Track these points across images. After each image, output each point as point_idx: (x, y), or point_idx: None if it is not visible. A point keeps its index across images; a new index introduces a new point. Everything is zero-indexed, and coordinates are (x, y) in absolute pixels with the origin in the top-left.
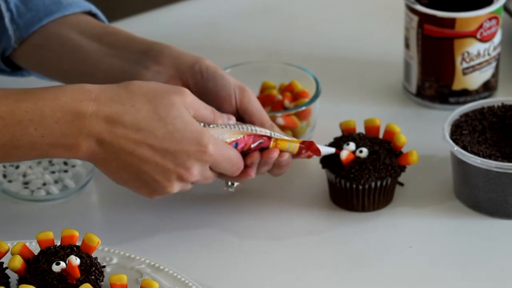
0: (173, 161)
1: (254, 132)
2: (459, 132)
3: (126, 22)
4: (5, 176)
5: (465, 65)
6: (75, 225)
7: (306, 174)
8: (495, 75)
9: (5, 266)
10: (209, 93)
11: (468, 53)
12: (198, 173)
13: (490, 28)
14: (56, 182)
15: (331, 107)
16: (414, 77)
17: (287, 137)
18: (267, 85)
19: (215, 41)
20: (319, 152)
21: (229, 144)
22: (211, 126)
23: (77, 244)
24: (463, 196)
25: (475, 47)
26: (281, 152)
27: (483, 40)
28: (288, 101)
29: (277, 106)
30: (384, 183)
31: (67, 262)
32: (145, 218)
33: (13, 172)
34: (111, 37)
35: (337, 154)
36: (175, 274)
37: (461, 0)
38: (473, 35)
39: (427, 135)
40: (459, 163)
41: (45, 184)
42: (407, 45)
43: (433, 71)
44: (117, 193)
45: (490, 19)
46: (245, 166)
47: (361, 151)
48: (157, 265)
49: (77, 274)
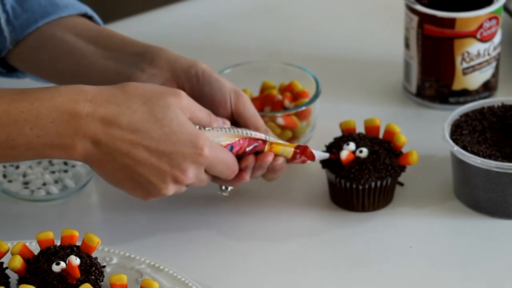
0: (168, 163)
1: (249, 135)
2: (459, 132)
3: (125, 22)
4: (5, 176)
5: (465, 65)
6: (75, 225)
7: (306, 174)
8: (495, 75)
9: (5, 266)
10: (204, 97)
11: (468, 53)
12: (193, 175)
13: (490, 28)
14: (56, 182)
15: (331, 107)
16: (414, 77)
17: (282, 141)
18: (267, 85)
19: (215, 41)
20: (314, 157)
21: (224, 147)
22: (207, 129)
23: (77, 244)
24: (463, 196)
25: (475, 47)
26: (275, 156)
27: (483, 40)
28: (288, 101)
29: (277, 106)
30: (384, 183)
31: (67, 262)
32: (145, 218)
33: (13, 172)
34: (106, 40)
35: (337, 154)
36: (175, 274)
37: (461, 0)
38: (473, 35)
39: (427, 135)
40: (459, 163)
41: (45, 184)
42: (407, 45)
43: (433, 71)
44: (117, 193)
45: (490, 19)
46: (240, 169)
47: (361, 151)
48: (157, 265)
49: (77, 274)
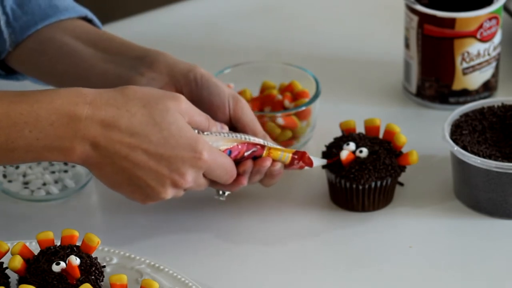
0: (167, 166)
1: (247, 140)
2: (459, 132)
3: (125, 22)
4: (5, 176)
5: (465, 65)
6: (75, 225)
7: (306, 174)
8: (495, 75)
9: (5, 266)
10: (203, 102)
11: (468, 53)
12: (192, 179)
13: (490, 28)
14: (56, 182)
15: (331, 107)
16: (414, 77)
17: (280, 147)
18: (267, 85)
19: (215, 41)
20: (312, 163)
21: (223, 151)
22: (205, 133)
23: (77, 244)
24: (463, 196)
25: (475, 47)
26: (273, 161)
27: (483, 40)
28: (288, 101)
29: (277, 106)
30: (384, 183)
31: (67, 262)
32: (145, 218)
33: (13, 172)
34: (106, 43)
35: (337, 154)
36: (175, 274)
37: (461, 0)
38: (473, 35)
39: (427, 135)
40: (459, 163)
41: (45, 184)
42: (407, 45)
43: (433, 71)
44: (117, 194)
45: (490, 19)
46: (238, 174)
47: (361, 151)
48: (157, 265)
49: (77, 274)
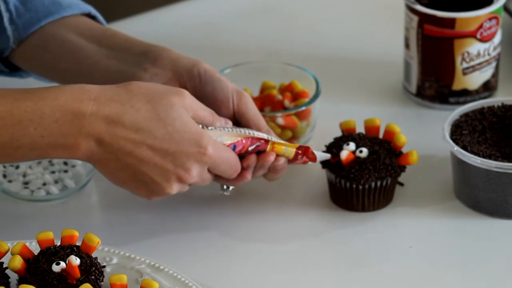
0: (172, 162)
1: (251, 135)
2: (459, 132)
3: (126, 22)
4: (5, 176)
5: (465, 65)
6: (75, 225)
7: (306, 174)
8: (495, 75)
9: (5, 266)
10: (207, 97)
11: (468, 53)
12: (196, 174)
13: (490, 28)
14: (56, 182)
15: (331, 107)
16: (414, 77)
17: (284, 142)
18: (267, 85)
19: (215, 41)
20: (315, 158)
21: (227, 146)
22: (209, 128)
23: (77, 244)
24: (463, 196)
25: (475, 47)
26: (277, 156)
27: (483, 40)
28: (288, 101)
29: (277, 106)
30: (384, 183)
31: (67, 262)
32: (145, 218)
33: (13, 172)
34: (109, 39)
35: (337, 154)
36: (175, 274)
37: (461, 0)
38: (473, 35)
39: (427, 135)
40: (459, 163)
41: (45, 184)
42: (407, 45)
43: (433, 71)
44: (117, 193)
45: (490, 19)
46: (242, 168)
47: (361, 151)
48: (157, 265)
49: (77, 274)
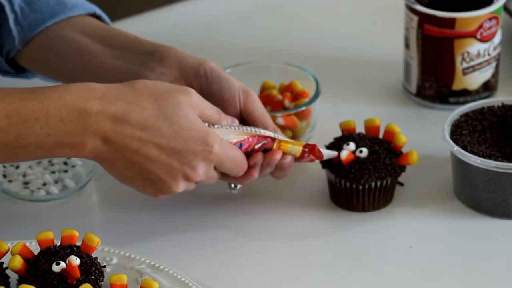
0: (179, 160)
1: (258, 133)
2: (459, 132)
3: (126, 22)
4: (5, 176)
5: (465, 65)
6: (75, 225)
7: (306, 174)
8: (495, 75)
9: (5, 266)
10: (213, 96)
11: (468, 53)
12: (203, 172)
13: (490, 28)
14: (56, 182)
15: (331, 107)
16: (414, 77)
17: (291, 140)
18: (267, 85)
19: (215, 41)
20: (322, 156)
21: (233, 144)
22: (216, 126)
23: (77, 244)
24: (463, 196)
25: (475, 47)
26: (284, 154)
27: (483, 40)
28: (288, 101)
29: (277, 106)
30: (384, 183)
31: (67, 262)
32: (145, 218)
33: (13, 172)
34: (115, 39)
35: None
36: (175, 274)
37: (461, 0)
38: (473, 35)
39: (427, 135)
40: (459, 163)
41: (45, 184)
42: (407, 45)
43: (433, 71)
44: (117, 193)
45: (490, 19)
46: (248, 166)
47: (361, 151)
48: (157, 265)
49: (77, 274)
